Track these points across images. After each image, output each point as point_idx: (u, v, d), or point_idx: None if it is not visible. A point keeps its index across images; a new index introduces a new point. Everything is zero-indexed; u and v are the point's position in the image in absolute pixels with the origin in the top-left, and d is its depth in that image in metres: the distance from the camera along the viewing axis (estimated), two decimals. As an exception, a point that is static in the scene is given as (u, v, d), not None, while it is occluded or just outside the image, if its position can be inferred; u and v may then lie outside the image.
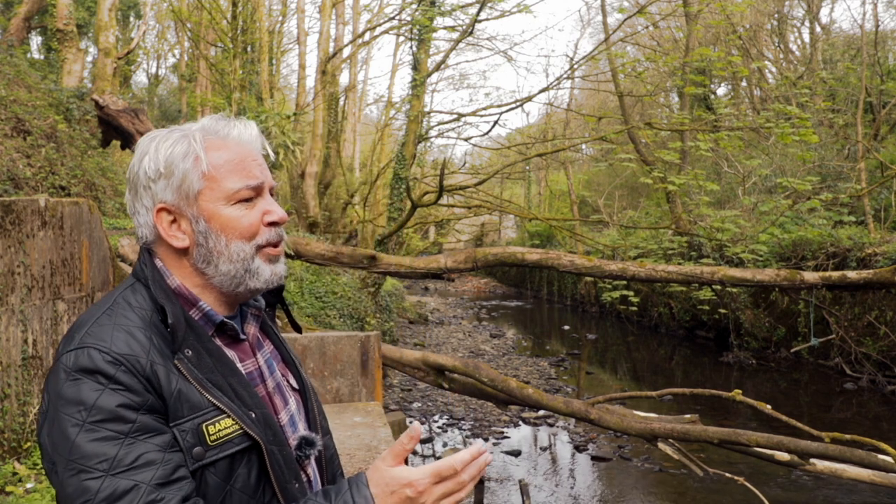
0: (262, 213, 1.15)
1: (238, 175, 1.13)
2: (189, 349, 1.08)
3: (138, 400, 0.99)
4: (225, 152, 1.14)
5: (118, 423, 0.97)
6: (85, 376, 0.99)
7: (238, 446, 1.06)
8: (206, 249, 1.13)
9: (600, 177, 25.93)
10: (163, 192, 1.13)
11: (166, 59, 32.67)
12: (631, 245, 14.41)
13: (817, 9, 19.90)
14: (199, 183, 1.12)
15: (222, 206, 1.13)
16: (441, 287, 30.54)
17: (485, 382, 5.81)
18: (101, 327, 1.05)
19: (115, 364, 1.00)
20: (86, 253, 5.55)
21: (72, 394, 0.98)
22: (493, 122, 20.93)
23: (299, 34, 22.53)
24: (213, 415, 1.05)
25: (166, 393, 1.02)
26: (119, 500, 0.94)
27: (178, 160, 1.12)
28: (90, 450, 0.96)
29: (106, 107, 10.73)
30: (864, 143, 13.27)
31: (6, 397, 4.36)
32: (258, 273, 1.14)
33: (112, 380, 0.99)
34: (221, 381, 1.09)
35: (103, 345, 1.01)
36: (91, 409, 0.97)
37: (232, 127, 1.17)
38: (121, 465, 0.95)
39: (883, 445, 4.65)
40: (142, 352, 1.03)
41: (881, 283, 6.26)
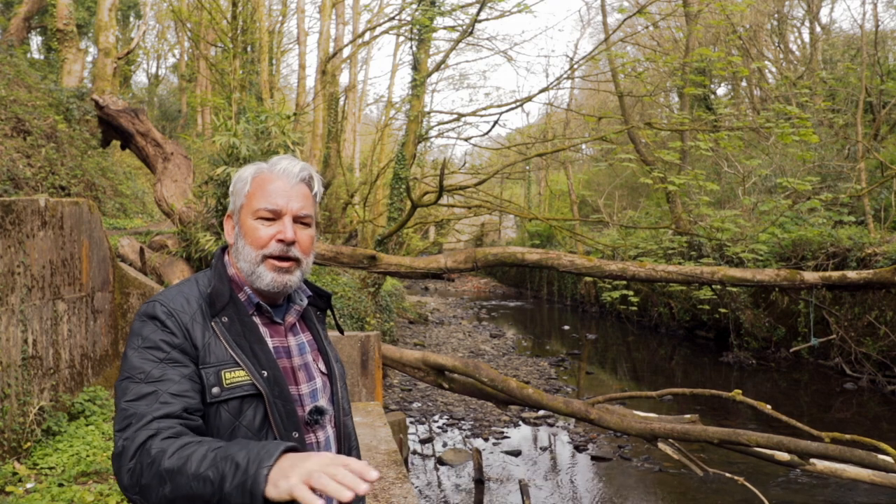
0: (277, 232, 1.50)
1: (264, 198, 1.52)
2: (226, 317, 1.47)
3: (176, 341, 1.40)
4: (264, 181, 1.55)
5: (157, 352, 1.39)
6: (148, 319, 1.43)
7: (246, 392, 1.41)
8: (237, 248, 1.56)
9: (600, 177, 25.92)
10: (231, 205, 1.61)
11: (166, 59, 32.68)
12: (631, 245, 14.40)
13: (817, 9, 19.90)
14: (243, 199, 1.56)
15: (249, 218, 1.53)
16: (441, 287, 30.53)
17: (485, 382, 5.81)
18: (171, 290, 1.51)
19: (167, 314, 1.43)
20: (86, 253, 5.55)
21: (137, 329, 1.44)
22: (493, 122, 20.93)
23: (299, 34, 22.51)
24: (231, 366, 1.42)
25: (199, 343, 1.42)
26: (143, 397, 1.33)
27: (238, 183, 1.59)
28: (136, 364, 1.38)
29: (106, 107, 10.72)
30: (864, 143, 13.27)
31: (6, 397, 4.36)
32: (261, 276, 1.51)
33: (163, 323, 1.42)
34: (245, 344, 1.46)
35: (165, 300, 1.46)
36: (144, 339, 1.40)
37: (280, 161, 1.57)
38: (151, 377, 1.36)
39: (883, 445, 4.65)
40: (187, 311, 1.45)
41: (881, 283, 6.25)
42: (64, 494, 3.91)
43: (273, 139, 7.59)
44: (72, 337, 5.29)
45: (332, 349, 1.72)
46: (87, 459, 4.48)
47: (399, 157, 14.01)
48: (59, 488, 4.03)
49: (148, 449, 1.26)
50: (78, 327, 5.39)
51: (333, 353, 1.71)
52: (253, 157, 7.30)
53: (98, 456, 4.58)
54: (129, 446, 1.28)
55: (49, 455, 4.56)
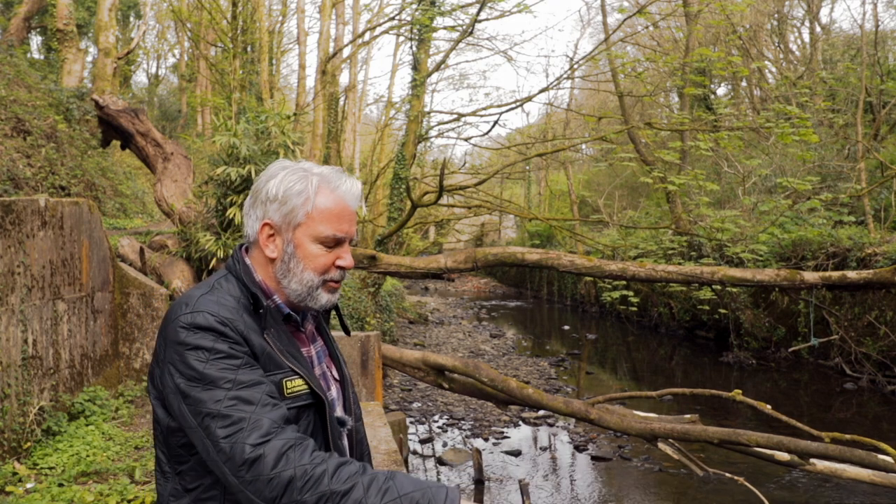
0: (336, 258, 1.47)
1: (331, 224, 1.45)
2: (272, 328, 1.42)
3: (242, 348, 1.33)
4: (329, 202, 1.45)
5: (232, 359, 1.30)
6: (201, 331, 1.31)
7: (305, 401, 1.39)
8: (287, 267, 1.46)
9: (600, 177, 25.92)
10: (272, 212, 1.46)
11: (166, 59, 32.68)
12: (631, 245, 14.40)
13: (817, 9, 19.90)
14: (302, 218, 1.44)
15: (309, 242, 1.45)
16: (441, 287, 30.53)
17: (485, 382, 5.81)
18: (206, 301, 1.37)
19: (222, 324, 1.33)
20: (86, 253, 5.55)
21: (194, 342, 1.31)
22: (493, 122, 20.93)
23: (299, 34, 22.51)
24: (290, 374, 1.39)
25: (258, 351, 1.36)
26: (246, 402, 1.26)
27: (293, 195, 1.45)
28: (217, 375, 1.28)
29: (106, 107, 10.72)
30: (864, 143, 13.26)
31: (6, 397, 4.36)
32: (318, 298, 1.48)
33: (222, 334, 1.32)
34: (296, 353, 1.44)
35: (212, 310, 1.34)
36: (210, 351, 1.30)
37: (343, 182, 1.48)
38: (240, 383, 1.28)
39: (883, 445, 4.65)
40: (239, 319, 1.36)
41: (881, 283, 6.25)
42: (64, 494, 3.91)
43: (273, 139, 7.59)
44: (72, 337, 5.29)
45: (340, 352, 1.70)
46: (87, 459, 4.48)
47: (399, 157, 14.02)
48: (59, 488, 4.03)
49: (295, 460, 1.23)
50: (78, 327, 5.39)
51: (342, 357, 1.69)
52: (253, 156, 7.30)
53: (98, 456, 4.58)
54: (267, 454, 1.23)
55: (49, 455, 4.56)
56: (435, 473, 7.05)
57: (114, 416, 5.45)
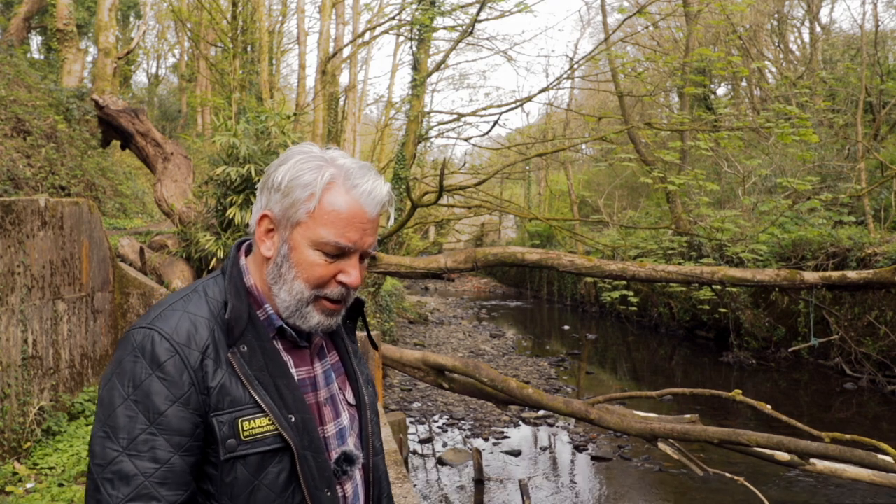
0: (339, 271, 1.19)
1: (334, 228, 1.16)
2: (245, 345, 1.16)
3: (176, 392, 1.10)
4: (339, 202, 1.17)
5: (150, 411, 1.08)
6: (142, 357, 1.11)
7: (269, 446, 1.13)
8: (278, 272, 1.20)
9: (600, 177, 25.92)
10: (274, 203, 1.20)
11: (166, 59, 32.69)
12: (631, 245, 14.40)
13: (817, 9, 19.90)
14: (303, 215, 1.18)
15: (307, 246, 1.18)
16: (441, 287, 30.53)
17: (485, 382, 5.81)
18: (173, 312, 1.16)
19: (170, 352, 1.11)
20: (86, 253, 5.55)
21: (130, 367, 1.11)
22: (493, 122, 20.93)
23: (299, 34, 22.51)
24: (251, 412, 1.13)
25: (210, 385, 1.12)
26: (120, 480, 1.06)
27: (298, 186, 1.18)
28: (121, 423, 1.08)
29: (106, 107, 10.72)
30: (864, 143, 13.26)
31: (6, 397, 4.36)
32: (307, 317, 1.20)
33: (160, 368, 1.10)
34: (268, 381, 1.16)
35: (167, 331, 1.13)
36: (136, 389, 1.09)
37: (364, 180, 1.19)
38: (136, 448, 1.07)
39: (883, 445, 4.65)
40: (198, 345, 1.13)
41: (881, 283, 6.25)
42: (64, 494, 3.91)
43: (273, 139, 7.59)
44: (72, 337, 5.29)
45: (364, 368, 1.39)
46: (86, 460, 4.48)
47: (399, 157, 14.02)
48: (59, 488, 4.03)
49: None
50: (78, 327, 5.39)
51: (364, 374, 1.38)
52: (253, 156, 7.30)
53: (98, 456, 4.58)
54: None
55: (49, 455, 4.56)
56: (435, 473, 7.05)
57: (114, 416, 5.45)
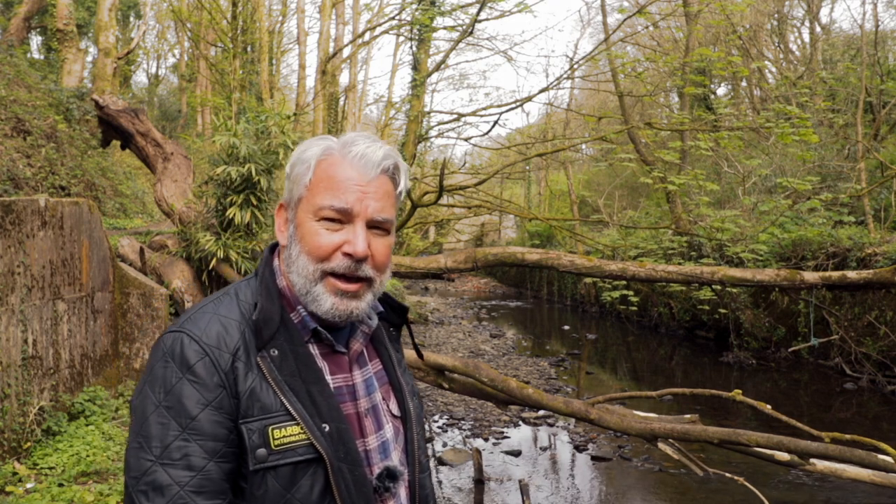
0: (344, 241, 1.12)
1: (330, 193, 1.12)
2: (276, 349, 1.10)
3: (208, 396, 1.05)
4: (334, 168, 1.14)
5: (182, 416, 1.04)
6: (173, 361, 1.07)
7: (301, 457, 1.07)
8: (289, 253, 1.17)
9: (600, 177, 25.92)
10: (286, 191, 1.20)
11: (166, 59, 32.71)
12: (631, 245, 14.41)
13: (817, 9, 19.90)
14: (302, 190, 1.16)
15: (309, 218, 1.14)
16: (441, 287, 30.53)
17: (485, 382, 5.81)
18: (204, 315, 1.12)
19: (200, 353, 1.07)
20: (86, 253, 5.55)
21: (160, 373, 1.07)
22: (493, 122, 20.96)
23: (299, 34, 22.52)
24: (282, 419, 1.07)
25: (241, 390, 1.07)
26: (155, 491, 1.02)
27: (299, 166, 1.17)
28: (154, 431, 1.04)
29: (106, 107, 10.72)
30: (864, 143, 13.27)
31: (6, 397, 4.36)
32: (318, 300, 1.13)
33: (191, 371, 1.06)
34: (300, 387, 1.09)
35: (196, 333, 1.09)
36: (167, 395, 1.05)
37: (358, 144, 1.15)
38: (170, 456, 1.02)
39: (883, 445, 4.64)
40: (228, 346, 1.09)
41: (881, 283, 6.25)
42: (64, 494, 3.91)
43: (273, 139, 7.59)
44: (72, 337, 5.29)
45: (409, 379, 1.32)
46: (87, 459, 4.48)
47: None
48: (59, 488, 4.03)
49: None
50: (78, 327, 5.39)
51: (409, 385, 1.31)
52: (253, 156, 7.30)
53: (98, 456, 4.59)
54: None
55: (49, 455, 4.56)
56: (435, 473, 7.05)
57: (114, 416, 5.45)
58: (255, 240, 7.57)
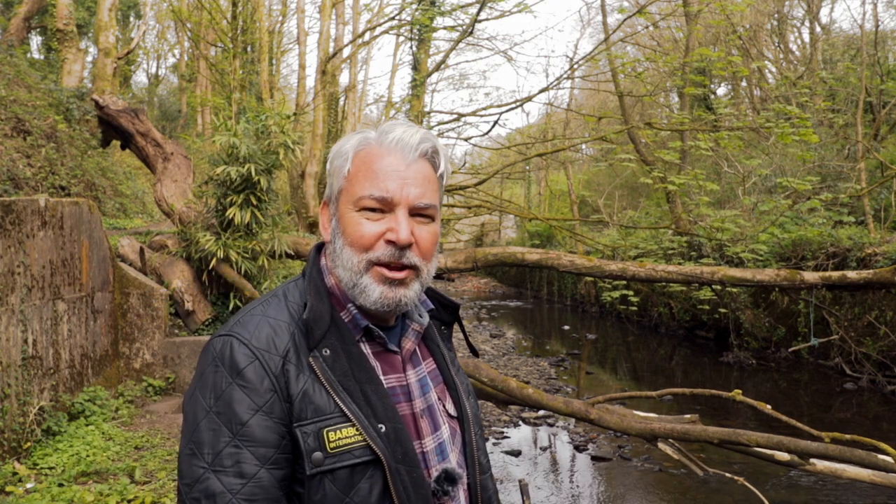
0: (386, 230, 1.10)
1: (369, 182, 1.10)
2: (328, 349, 1.09)
3: (258, 401, 1.03)
4: (372, 157, 1.12)
5: (232, 423, 1.02)
6: (222, 366, 1.05)
7: (358, 459, 1.04)
8: (333, 248, 1.15)
9: (600, 177, 25.93)
10: (328, 189, 1.19)
11: (166, 59, 32.71)
12: (631, 245, 14.40)
13: (817, 9, 19.90)
14: (342, 182, 1.14)
15: (350, 209, 1.12)
16: (441, 287, 30.50)
17: (485, 382, 5.80)
18: (252, 317, 1.11)
19: (249, 357, 1.05)
20: (86, 253, 5.55)
21: (210, 378, 1.06)
22: (493, 122, 20.95)
23: (299, 34, 22.50)
24: (337, 421, 1.05)
25: (293, 392, 1.05)
26: (208, 498, 1.00)
27: (337, 160, 1.16)
28: (205, 438, 1.02)
29: (106, 107, 10.72)
30: (864, 143, 13.27)
31: (6, 397, 4.36)
32: (366, 291, 1.11)
33: (240, 375, 1.04)
34: (354, 387, 1.07)
35: (245, 337, 1.07)
36: (218, 400, 1.03)
37: (394, 130, 1.13)
38: (221, 463, 1.01)
39: (883, 445, 4.64)
40: (278, 349, 1.07)
41: (881, 283, 6.25)
42: (64, 494, 3.91)
43: (273, 139, 7.59)
44: (72, 337, 5.29)
45: (463, 378, 1.29)
46: (87, 459, 4.48)
47: (399, 157, 14.00)
48: (59, 488, 4.03)
49: None
50: (78, 327, 5.39)
51: (465, 384, 1.28)
52: (253, 156, 7.30)
53: (98, 456, 4.59)
54: None
55: (49, 455, 4.56)
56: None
57: (114, 416, 5.45)
58: (255, 240, 7.57)
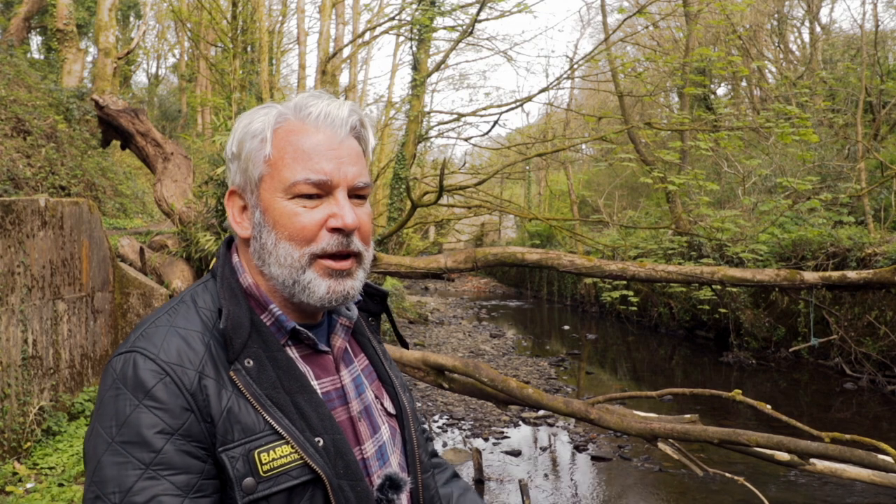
0: (328, 216, 0.98)
1: (301, 165, 0.97)
2: (251, 359, 0.95)
3: (172, 423, 0.89)
4: (297, 136, 0.99)
5: (142, 451, 0.87)
6: (125, 387, 0.90)
7: (296, 479, 0.92)
8: (260, 244, 1.00)
9: (600, 177, 25.93)
10: (234, 175, 1.04)
11: (166, 59, 32.71)
12: (631, 245, 14.41)
13: (817, 9, 19.91)
14: (262, 168, 0.99)
15: (279, 198, 0.98)
16: (441, 287, 30.52)
17: (485, 382, 5.80)
18: (157, 329, 0.96)
19: (158, 374, 0.90)
20: (86, 253, 5.55)
21: (111, 406, 0.90)
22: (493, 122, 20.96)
23: (299, 34, 22.53)
24: (269, 440, 0.92)
25: (214, 412, 0.91)
26: None
27: (248, 140, 1.01)
28: (109, 474, 0.87)
29: (106, 107, 10.72)
30: (864, 143, 13.27)
31: (6, 397, 4.36)
32: (310, 287, 0.98)
33: (149, 395, 0.89)
34: (284, 400, 0.94)
35: (151, 351, 0.92)
36: (122, 427, 0.88)
37: (316, 104, 1.00)
38: (133, 502, 0.86)
39: (883, 445, 4.64)
40: (192, 362, 0.93)
41: (881, 283, 6.25)
42: (64, 494, 3.91)
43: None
44: (72, 337, 5.29)
45: (397, 372, 1.18)
46: (87, 459, 4.49)
47: (399, 157, 14.03)
48: (59, 488, 4.03)
49: None
50: (78, 327, 5.39)
51: (399, 378, 1.17)
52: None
53: (98, 456, 4.59)
54: None
55: (49, 455, 4.56)
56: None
57: (114, 416, 5.45)
58: (255, 240, 7.56)
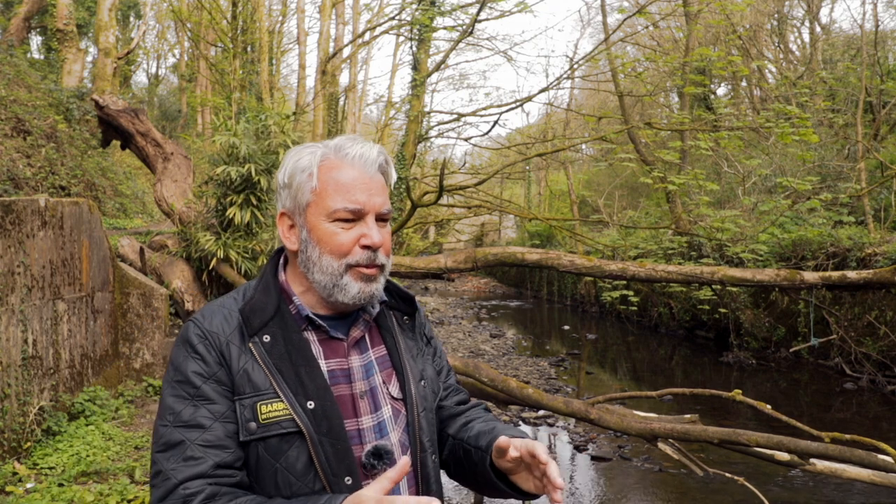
0: (360, 236, 1.27)
1: (340, 196, 1.26)
2: (269, 335, 1.26)
3: (208, 371, 1.22)
4: (337, 172, 1.28)
5: (188, 386, 1.21)
6: (183, 344, 1.26)
7: (284, 430, 1.21)
8: (306, 257, 1.30)
9: (600, 177, 25.93)
10: (285, 200, 1.34)
11: (166, 59, 32.70)
12: (631, 245, 14.40)
13: (817, 9, 19.90)
14: (309, 196, 1.29)
15: (322, 221, 1.28)
16: (441, 287, 30.52)
17: (485, 382, 5.80)
18: (212, 307, 1.31)
19: (201, 336, 1.25)
20: (86, 253, 5.55)
21: (173, 356, 1.27)
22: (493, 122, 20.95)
23: (299, 34, 22.52)
24: (270, 397, 1.21)
25: (234, 369, 1.23)
26: (171, 448, 1.18)
27: (297, 172, 1.31)
28: (168, 402, 1.22)
29: (106, 107, 10.72)
30: (864, 143, 13.26)
31: (6, 397, 4.36)
32: (346, 289, 1.28)
33: (194, 349, 1.24)
34: (288, 368, 1.24)
35: (200, 321, 1.28)
36: (177, 370, 1.24)
37: (353, 147, 1.30)
38: (181, 420, 1.19)
39: (883, 445, 4.64)
40: (225, 332, 1.26)
41: (881, 283, 6.25)
42: (64, 494, 3.91)
43: (273, 138, 7.59)
44: (72, 337, 5.28)
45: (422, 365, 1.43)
46: (87, 459, 4.48)
47: (399, 157, 14.02)
48: (59, 488, 4.03)
49: None
50: (78, 327, 5.39)
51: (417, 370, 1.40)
52: (253, 156, 7.30)
53: (98, 456, 4.59)
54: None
55: (49, 455, 4.56)
56: (435, 473, 7.05)
57: (114, 416, 5.45)
58: (255, 239, 7.57)
